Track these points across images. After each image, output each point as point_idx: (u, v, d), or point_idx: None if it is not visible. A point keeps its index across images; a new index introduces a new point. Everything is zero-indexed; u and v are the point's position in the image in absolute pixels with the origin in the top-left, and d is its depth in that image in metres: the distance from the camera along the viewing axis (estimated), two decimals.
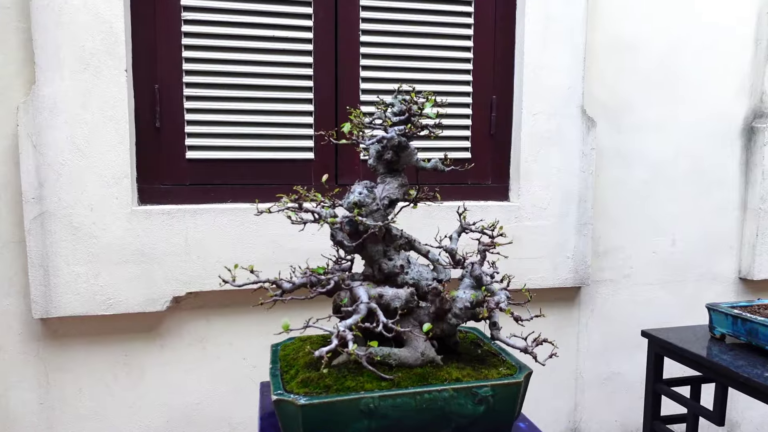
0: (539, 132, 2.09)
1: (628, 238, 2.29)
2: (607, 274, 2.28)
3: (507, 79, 2.13)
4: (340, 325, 0.89)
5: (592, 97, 2.19)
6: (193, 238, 1.86)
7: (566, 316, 2.25)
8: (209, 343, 1.97)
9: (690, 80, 2.29)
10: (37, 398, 1.87)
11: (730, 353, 1.55)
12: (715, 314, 1.67)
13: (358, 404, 0.96)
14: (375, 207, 1.01)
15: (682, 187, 2.32)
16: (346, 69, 2.00)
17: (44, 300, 1.77)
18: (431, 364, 1.07)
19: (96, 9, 1.73)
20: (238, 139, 1.94)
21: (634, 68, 2.24)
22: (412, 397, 0.98)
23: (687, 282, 2.36)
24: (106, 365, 1.90)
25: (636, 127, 2.26)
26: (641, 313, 2.32)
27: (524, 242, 2.11)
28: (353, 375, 1.02)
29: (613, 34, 2.20)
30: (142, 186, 1.89)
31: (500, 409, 1.03)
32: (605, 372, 2.31)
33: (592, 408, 2.32)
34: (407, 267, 1.07)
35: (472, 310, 1.05)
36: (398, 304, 1.03)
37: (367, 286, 1.02)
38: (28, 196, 1.74)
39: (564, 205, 2.13)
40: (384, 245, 1.06)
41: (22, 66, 1.76)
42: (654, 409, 1.75)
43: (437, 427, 1.01)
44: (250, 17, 1.90)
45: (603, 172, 2.24)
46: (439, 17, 2.05)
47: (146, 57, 1.86)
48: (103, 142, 1.78)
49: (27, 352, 1.85)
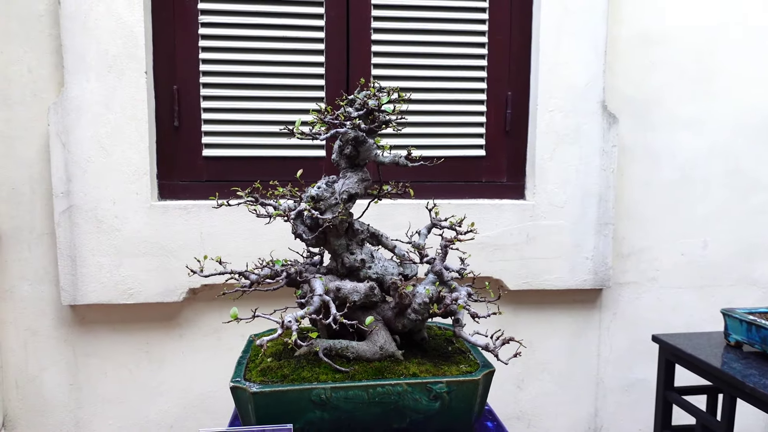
0: (556, 129, 2.03)
1: (655, 239, 2.19)
2: (631, 277, 2.19)
3: (523, 75, 2.09)
4: (286, 316, 0.92)
5: (616, 92, 2.11)
6: (207, 233, 1.94)
7: (586, 318, 2.18)
8: (224, 334, 2.04)
9: (726, 74, 2.17)
10: (67, 380, 2.00)
11: (742, 362, 1.46)
12: (730, 320, 1.57)
13: (309, 394, 0.98)
14: (334, 201, 1.03)
15: (715, 187, 2.20)
16: (358, 68, 2.02)
17: (72, 288, 1.90)
18: (391, 358, 1.07)
19: (119, 15, 1.84)
20: (253, 137, 2.01)
21: (664, 62, 2.14)
22: (364, 390, 0.99)
23: (720, 287, 2.23)
24: (129, 352, 2.01)
25: (666, 123, 2.16)
26: (668, 317, 2.22)
27: (540, 242, 2.06)
28: (311, 366, 1.05)
29: (639, 28, 2.11)
30: (162, 182, 1.98)
31: (457, 407, 1.02)
32: (628, 378, 2.22)
33: (613, 415, 2.23)
34: (369, 261, 1.08)
35: (431, 305, 1.04)
36: (356, 297, 1.04)
37: (326, 279, 1.04)
38: (58, 190, 1.87)
39: (583, 204, 2.06)
40: (347, 239, 1.07)
41: (53, 70, 1.89)
42: (665, 418, 1.68)
43: (391, 421, 1.01)
44: (263, 18, 1.96)
45: (628, 170, 2.15)
46: (452, 13, 2.03)
47: (166, 59, 1.95)
48: (125, 140, 1.88)
49: (58, 337, 1.98)
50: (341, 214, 0.99)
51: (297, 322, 0.91)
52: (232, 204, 1.01)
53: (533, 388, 2.19)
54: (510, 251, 2.06)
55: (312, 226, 1.04)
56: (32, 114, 1.89)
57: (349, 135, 1.00)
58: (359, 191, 1.06)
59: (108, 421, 2.02)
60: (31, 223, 1.93)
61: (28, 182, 1.92)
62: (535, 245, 2.06)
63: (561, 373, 2.19)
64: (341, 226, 1.04)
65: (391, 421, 1.01)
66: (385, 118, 1.03)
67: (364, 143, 1.02)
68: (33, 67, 1.88)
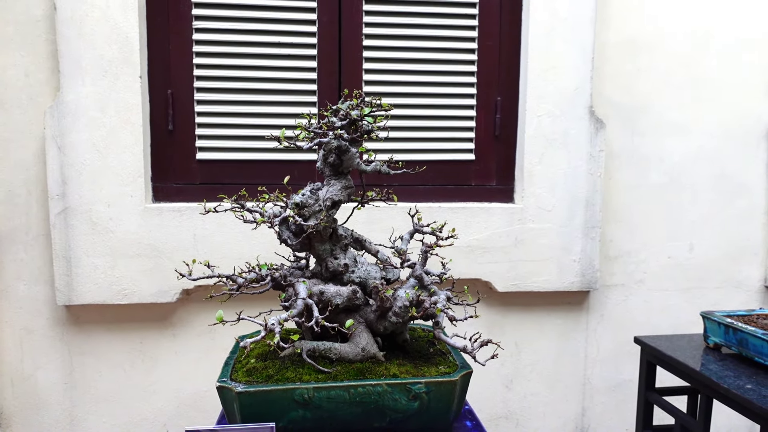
0: (544, 134, 2.07)
1: (643, 242, 2.23)
2: (618, 279, 2.23)
3: (512, 80, 2.12)
4: (270, 319, 0.95)
5: (604, 98, 2.15)
6: (200, 235, 1.97)
7: (574, 320, 2.22)
8: (217, 334, 2.08)
9: (713, 80, 2.20)
10: (62, 379, 2.04)
11: (719, 363, 1.49)
12: (708, 323, 1.61)
13: (293, 394, 1.02)
14: (318, 208, 1.07)
15: (702, 191, 2.23)
16: (350, 73, 2.05)
17: (67, 288, 1.93)
18: (372, 359, 1.11)
19: (114, 20, 1.87)
20: (246, 141, 2.04)
21: (652, 68, 2.17)
22: (345, 390, 1.03)
23: (706, 289, 2.27)
24: (124, 351, 2.05)
25: (653, 129, 2.20)
26: (654, 319, 2.25)
27: (528, 244, 2.10)
28: (295, 367, 1.08)
29: (627, 34, 2.15)
30: (156, 185, 2.02)
31: (435, 407, 1.06)
32: (614, 379, 2.26)
33: (599, 415, 2.27)
34: (353, 266, 1.11)
35: (411, 309, 1.08)
36: (340, 301, 1.08)
37: (310, 283, 1.07)
38: (53, 193, 1.90)
39: (570, 207, 2.10)
40: (331, 244, 1.11)
41: (50, 74, 1.93)
42: (646, 418, 1.71)
43: (372, 420, 1.05)
44: (257, 24, 1.99)
45: (616, 174, 2.19)
46: (443, 20, 2.07)
47: (160, 64, 1.99)
48: (120, 143, 1.92)
49: (53, 336, 2.02)
50: (324, 220, 1.03)
51: (280, 325, 0.95)
52: (219, 211, 1.04)
53: (521, 388, 2.23)
54: (499, 254, 2.09)
55: (297, 232, 1.08)
56: (28, 117, 1.93)
57: (332, 144, 1.04)
58: (342, 198, 1.09)
59: (102, 419, 2.06)
60: (27, 224, 1.96)
61: (25, 184, 1.95)
62: (523, 248, 2.10)
63: (549, 373, 2.23)
64: (325, 231, 1.08)
65: (372, 420, 1.05)
66: (367, 127, 1.07)
67: (347, 152, 1.06)
68: (29, 71, 1.91)
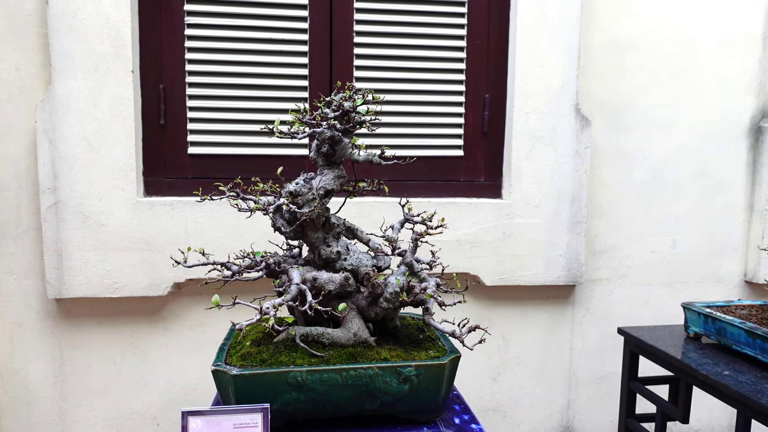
0: (531, 130, 2.11)
1: (627, 238, 2.28)
2: (603, 273, 2.28)
3: (500, 78, 2.16)
4: (265, 303, 0.98)
5: (589, 96, 2.20)
6: (192, 228, 1.99)
7: (560, 313, 2.26)
8: (208, 328, 2.09)
9: (695, 79, 2.26)
10: (52, 372, 2.04)
11: (699, 352, 1.54)
12: (689, 313, 1.66)
13: (286, 377, 1.04)
14: (311, 196, 1.09)
15: (684, 187, 2.29)
16: (341, 69, 2.08)
17: (58, 282, 1.94)
18: (364, 344, 1.14)
19: (106, 15, 1.89)
20: (237, 135, 2.06)
21: (637, 67, 2.22)
22: (338, 372, 1.06)
23: (688, 284, 2.32)
24: (115, 345, 2.06)
25: (637, 126, 2.25)
26: (638, 313, 2.30)
27: (515, 239, 2.14)
28: (288, 351, 1.11)
29: (613, 34, 2.20)
30: (147, 179, 2.03)
31: (425, 389, 1.09)
32: (599, 371, 2.30)
33: (585, 406, 2.31)
34: (345, 253, 1.14)
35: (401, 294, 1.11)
36: (332, 287, 1.11)
37: (303, 270, 1.10)
38: (44, 186, 1.91)
39: (557, 203, 2.14)
40: (324, 233, 1.13)
41: (41, 68, 1.93)
42: (629, 407, 1.75)
43: (363, 402, 1.08)
44: (249, 20, 2.02)
45: (600, 171, 2.24)
46: (432, 18, 2.10)
47: (152, 59, 2.00)
48: (112, 137, 1.93)
49: (43, 330, 2.02)
50: (317, 208, 1.06)
51: (275, 309, 0.97)
52: (215, 199, 1.07)
53: (509, 380, 2.26)
54: (487, 248, 2.13)
55: (290, 220, 1.11)
56: (19, 111, 1.93)
57: (326, 134, 1.07)
58: (335, 187, 1.12)
59: (92, 413, 2.07)
60: (17, 218, 1.97)
61: (15, 178, 1.95)
62: (510, 243, 2.14)
63: (535, 366, 2.27)
64: (318, 220, 1.11)
65: (363, 403, 1.08)
66: (360, 118, 1.10)
67: (339, 142, 1.09)
68: (21, 65, 1.92)
